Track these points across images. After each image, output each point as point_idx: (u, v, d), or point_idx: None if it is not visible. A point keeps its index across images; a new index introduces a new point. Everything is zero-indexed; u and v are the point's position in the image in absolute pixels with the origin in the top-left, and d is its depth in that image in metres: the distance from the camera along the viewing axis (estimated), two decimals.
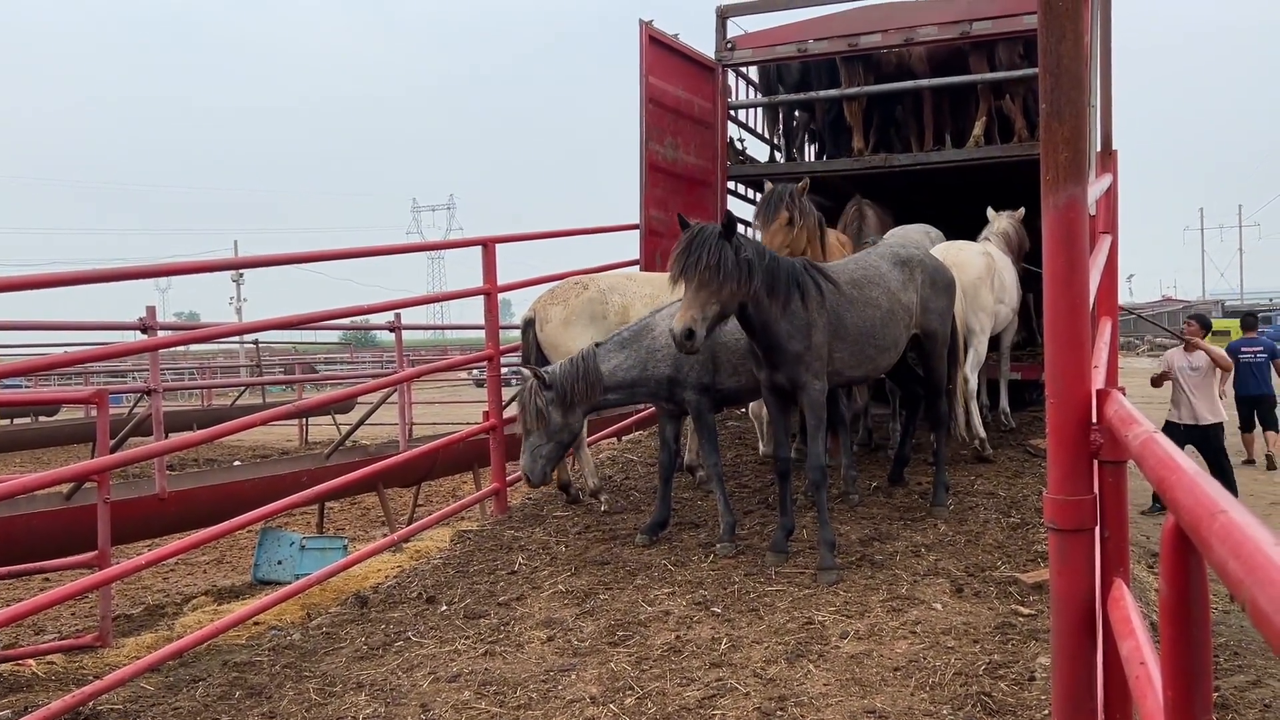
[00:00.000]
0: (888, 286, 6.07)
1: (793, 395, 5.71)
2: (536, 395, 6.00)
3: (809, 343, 5.45)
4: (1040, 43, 2.09)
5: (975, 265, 7.67)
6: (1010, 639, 4.50)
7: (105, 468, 5.48)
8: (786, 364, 5.46)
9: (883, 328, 5.95)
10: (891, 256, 6.37)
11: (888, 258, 6.35)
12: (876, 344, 5.93)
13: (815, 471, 5.57)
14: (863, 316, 5.81)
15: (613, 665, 4.52)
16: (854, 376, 6.05)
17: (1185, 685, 1.35)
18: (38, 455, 17.84)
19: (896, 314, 6.07)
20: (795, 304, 5.38)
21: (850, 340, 5.74)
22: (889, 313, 5.99)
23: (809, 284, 5.48)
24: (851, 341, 5.74)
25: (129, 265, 6.02)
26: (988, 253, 7.92)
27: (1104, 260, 5.30)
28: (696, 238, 5.11)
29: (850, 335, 5.73)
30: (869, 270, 6.11)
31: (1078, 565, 2.09)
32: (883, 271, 6.16)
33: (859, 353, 5.82)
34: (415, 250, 8.70)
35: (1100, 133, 6.59)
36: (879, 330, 5.92)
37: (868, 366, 5.99)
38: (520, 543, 6.69)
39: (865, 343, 5.84)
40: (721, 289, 5.05)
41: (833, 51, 9.79)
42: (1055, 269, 2.12)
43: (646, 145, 8.93)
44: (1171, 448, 1.53)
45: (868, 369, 6.04)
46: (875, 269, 6.15)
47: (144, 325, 7.64)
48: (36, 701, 4.77)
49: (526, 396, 6.09)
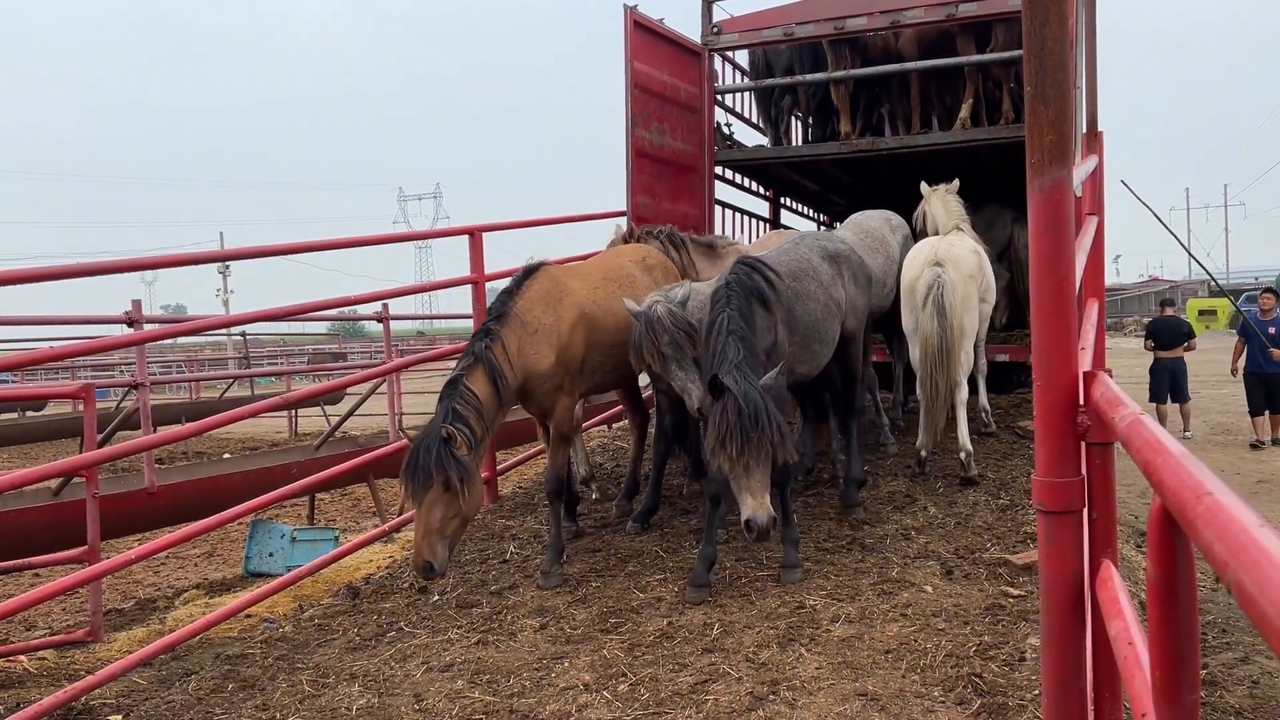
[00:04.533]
0: (820, 280, 5.89)
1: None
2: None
3: (774, 340, 5.31)
4: (1024, 26, 2.08)
5: (969, 262, 7.11)
6: (1000, 620, 4.53)
7: (93, 462, 5.46)
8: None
9: (825, 321, 5.78)
10: (819, 250, 6.14)
11: (816, 251, 6.13)
12: (820, 338, 5.74)
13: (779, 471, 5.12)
14: (807, 310, 5.63)
15: (605, 652, 4.53)
16: (800, 374, 5.82)
17: (1173, 665, 1.36)
18: (25, 451, 17.72)
19: (831, 309, 5.89)
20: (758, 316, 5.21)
21: (800, 335, 5.56)
22: (825, 307, 5.82)
23: (761, 286, 5.29)
24: (801, 336, 5.57)
25: (114, 259, 5.99)
26: (978, 250, 7.41)
27: (1090, 242, 5.32)
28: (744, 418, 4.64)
29: (800, 330, 5.56)
30: (802, 263, 5.90)
31: (1066, 546, 2.10)
32: (814, 265, 5.96)
33: (806, 347, 5.64)
34: (402, 240, 8.66)
35: (1085, 114, 6.59)
36: (822, 324, 5.74)
37: (812, 362, 5.79)
38: (512, 531, 6.69)
39: (811, 337, 5.66)
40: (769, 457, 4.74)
41: (819, 35, 9.75)
42: (1042, 251, 2.12)
43: (633, 131, 8.89)
44: (1158, 429, 1.54)
45: (811, 365, 5.83)
46: (808, 261, 5.93)
47: (130, 319, 7.59)
48: (29, 697, 4.76)
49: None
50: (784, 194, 13.44)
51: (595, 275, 6.23)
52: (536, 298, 5.67)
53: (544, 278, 5.81)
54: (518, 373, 5.42)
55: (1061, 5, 2.03)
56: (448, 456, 4.81)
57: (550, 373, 5.59)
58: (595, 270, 6.34)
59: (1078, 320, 2.34)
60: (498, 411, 5.29)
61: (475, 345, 5.37)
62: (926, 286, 6.79)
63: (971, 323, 7.06)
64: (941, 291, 6.71)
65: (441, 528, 4.84)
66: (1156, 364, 13.54)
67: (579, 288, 5.96)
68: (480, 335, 5.43)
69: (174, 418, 14.40)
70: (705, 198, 10.12)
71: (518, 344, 5.44)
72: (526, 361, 5.48)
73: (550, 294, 5.73)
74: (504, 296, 5.71)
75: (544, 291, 5.72)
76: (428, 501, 4.80)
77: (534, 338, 5.53)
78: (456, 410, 5.01)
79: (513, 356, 5.39)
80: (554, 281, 5.83)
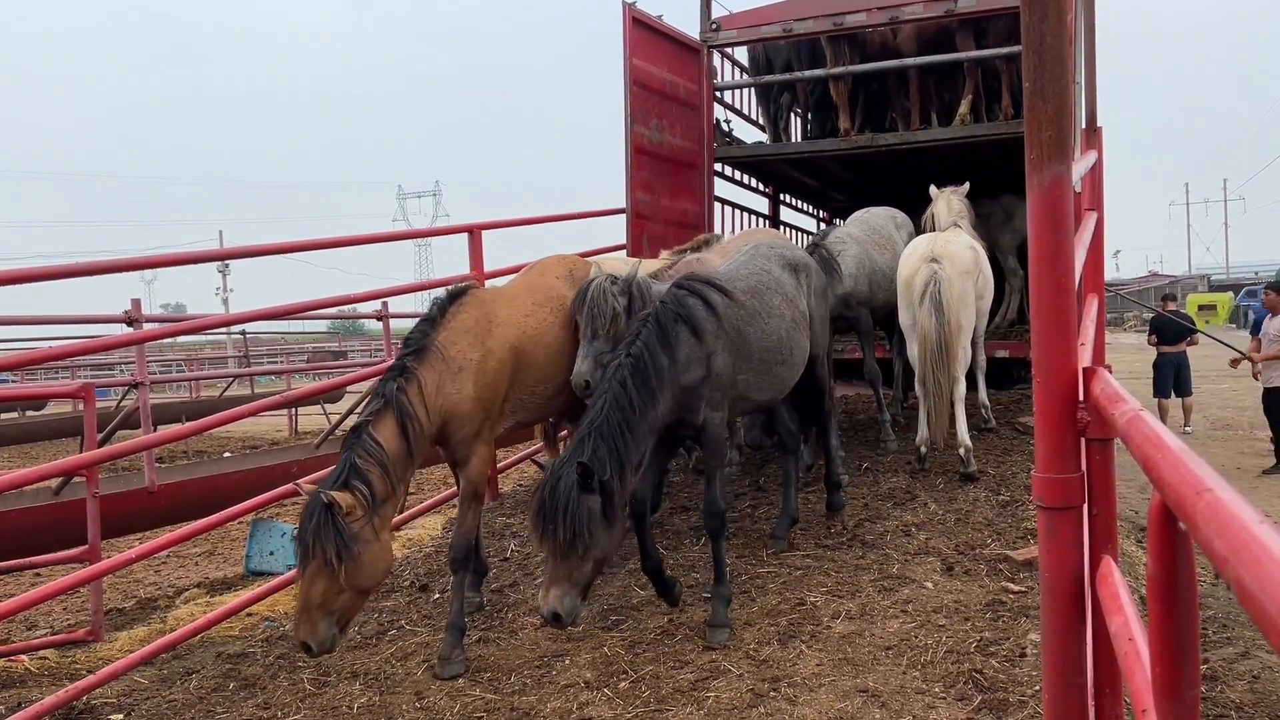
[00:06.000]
0: (785, 293, 5.36)
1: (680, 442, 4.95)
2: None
3: (707, 372, 4.67)
4: (1023, 21, 2.08)
5: (966, 259, 7.08)
6: (1001, 616, 4.53)
7: (93, 462, 5.46)
8: (686, 408, 4.66)
9: (789, 340, 5.24)
10: (779, 260, 5.58)
11: (776, 261, 5.56)
12: (783, 360, 5.22)
13: (713, 519, 4.81)
14: (766, 329, 5.07)
15: (606, 650, 4.54)
16: (761, 400, 5.32)
17: (1173, 660, 1.36)
18: (25, 450, 17.72)
19: (798, 324, 5.39)
20: (684, 346, 4.59)
21: (755, 359, 5.00)
22: (792, 323, 5.31)
23: (695, 309, 4.67)
24: (757, 360, 5.01)
25: (114, 258, 5.98)
26: (974, 247, 7.41)
27: (1090, 237, 5.31)
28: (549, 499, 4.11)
29: (755, 353, 4.99)
30: (763, 275, 5.34)
31: (1066, 542, 2.10)
32: (776, 276, 5.41)
33: (765, 372, 5.09)
34: (401, 239, 8.65)
35: (1085, 110, 6.59)
36: (784, 343, 5.20)
37: (776, 387, 5.27)
38: (512, 529, 6.70)
39: (771, 359, 5.11)
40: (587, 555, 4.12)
41: (818, 31, 9.74)
42: (1041, 248, 2.12)
43: (631, 128, 8.88)
44: (1158, 425, 1.54)
45: (775, 390, 5.30)
46: (769, 273, 5.39)
47: (130, 318, 7.59)
48: (30, 697, 4.77)
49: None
50: (783, 191, 13.44)
51: (525, 301, 5.47)
52: (463, 328, 4.92)
53: (472, 304, 5.05)
54: (435, 416, 4.70)
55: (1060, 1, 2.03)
56: (327, 527, 4.14)
57: (470, 416, 4.85)
58: (524, 294, 5.56)
59: (1077, 316, 2.34)
60: (408, 465, 4.56)
61: (385, 386, 4.60)
62: (924, 283, 6.81)
63: (969, 319, 7.05)
64: (939, 288, 6.73)
65: (324, 604, 4.17)
66: (1160, 359, 13.59)
67: (509, 316, 5.23)
68: (392, 374, 4.66)
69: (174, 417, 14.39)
70: (705, 195, 10.11)
71: (436, 382, 4.70)
72: (447, 402, 4.75)
73: (479, 324, 4.99)
74: (425, 325, 4.91)
75: (472, 321, 4.97)
76: (309, 574, 4.18)
77: (457, 376, 4.79)
78: (356, 466, 4.32)
79: (429, 397, 4.65)
80: (483, 309, 5.07)
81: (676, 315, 4.60)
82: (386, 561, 4.43)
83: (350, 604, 4.30)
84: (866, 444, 8.04)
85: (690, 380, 4.60)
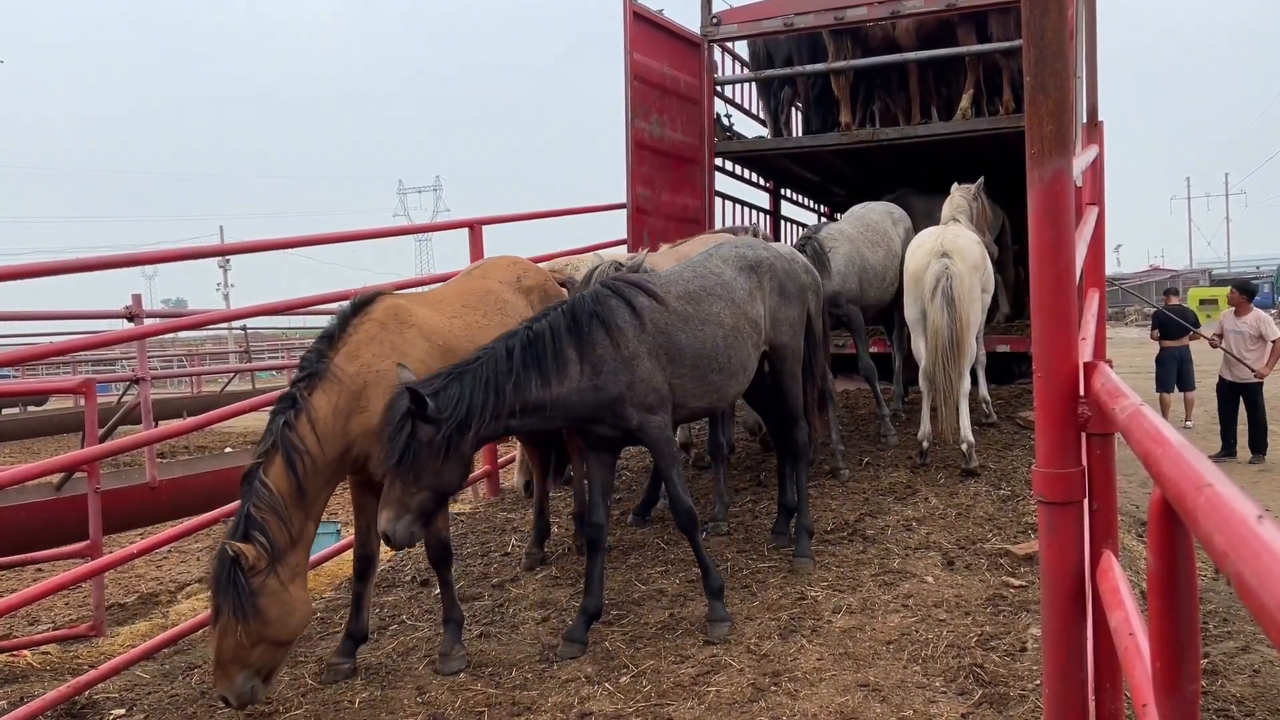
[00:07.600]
0: (732, 298, 5.11)
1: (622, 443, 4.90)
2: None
3: (632, 377, 4.54)
4: (1024, 16, 2.08)
5: (973, 253, 7.00)
6: (1001, 611, 4.54)
7: (95, 457, 5.46)
8: (609, 410, 4.55)
9: (727, 349, 4.99)
10: (737, 260, 5.36)
11: (732, 262, 5.34)
12: (720, 368, 4.97)
13: (682, 515, 4.73)
14: (700, 336, 4.86)
15: (607, 644, 4.54)
16: (698, 408, 5.09)
17: (1173, 655, 1.36)
18: (27, 446, 17.75)
19: (743, 331, 5.11)
20: (600, 348, 4.47)
21: (688, 365, 4.80)
22: (734, 330, 5.05)
23: (617, 311, 4.56)
24: (690, 366, 4.81)
25: (115, 253, 5.97)
26: (979, 241, 7.35)
27: (1090, 232, 5.31)
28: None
29: (687, 359, 4.79)
30: (709, 280, 5.11)
31: (1067, 537, 2.10)
32: (726, 280, 5.17)
33: (700, 379, 4.88)
34: (402, 234, 8.65)
35: (1086, 104, 6.58)
36: (722, 352, 4.97)
37: (712, 395, 5.02)
38: (513, 524, 6.71)
39: (707, 367, 4.89)
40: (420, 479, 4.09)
41: (819, 25, 9.74)
42: (1042, 242, 2.12)
43: (632, 123, 8.88)
44: (1158, 420, 1.54)
45: (712, 398, 5.06)
46: (717, 277, 5.16)
47: (131, 313, 7.59)
48: (32, 692, 4.77)
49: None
50: (784, 185, 13.42)
51: (454, 302, 5.11)
52: (367, 339, 4.45)
53: (380, 311, 4.57)
54: (336, 442, 4.25)
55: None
56: (230, 582, 3.93)
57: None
58: (454, 296, 5.20)
59: (1078, 311, 2.34)
60: (301, 506, 4.15)
61: (273, 421, 4.21)
62: (935, 278, 6.77)
63: (977, 314, 7.04)
64: (950, 283, 6.71)
65: (236, 658, 3.97)
66: (1164, 353, 13.59)
67: (430, 317, 4.82)
68: (281, 406, 4.26)
69: (175, 412, 14.40)
70: (705, 189, 10.11)
71: (333, 406, 4.24)
72: (355, 425, 4.30)
73: (386, 329, 4.53)
74: (321, 344, 4.43)
75: (378, 328, 4.50)
76: (219, 628, 3.97)
77: (365, 392, 4.33)
78: (251, 516, 4.03)
79: (324, 423, 4.20)
80: (393, 314, 4.61)
81: (593, 312, 4.50)
82: (302, 613, 4.17)
83: (267, 656, 4.09)
84: (867, 439, 8.05)
85: (605, 381, 4.48)
